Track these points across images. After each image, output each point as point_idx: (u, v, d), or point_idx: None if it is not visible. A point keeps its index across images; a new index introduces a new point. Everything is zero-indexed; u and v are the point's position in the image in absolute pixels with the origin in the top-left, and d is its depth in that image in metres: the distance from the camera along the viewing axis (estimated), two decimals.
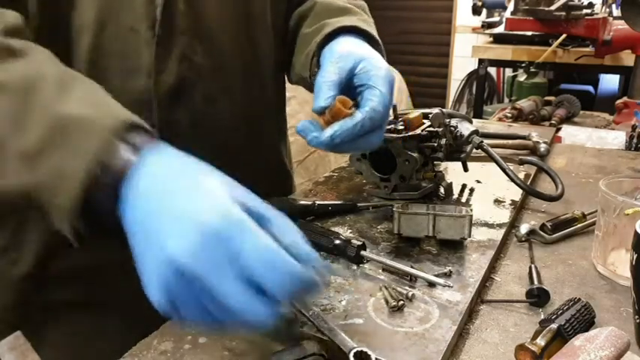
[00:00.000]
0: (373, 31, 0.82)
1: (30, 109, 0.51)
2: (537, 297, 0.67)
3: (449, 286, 0.67)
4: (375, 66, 0.71)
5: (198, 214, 0.45)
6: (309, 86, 0.83)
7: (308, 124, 0.70)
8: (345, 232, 0.84)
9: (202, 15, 0.76)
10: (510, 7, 3.12)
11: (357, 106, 0.71)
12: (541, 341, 0.55)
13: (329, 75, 0.70)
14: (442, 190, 0.97)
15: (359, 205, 0.93)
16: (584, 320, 0.59)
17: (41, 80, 0.53)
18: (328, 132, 0.67)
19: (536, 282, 0.70)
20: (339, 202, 0.93)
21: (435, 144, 0.93)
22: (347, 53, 0.73)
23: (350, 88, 0.72)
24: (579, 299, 0.61)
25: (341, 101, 0.69)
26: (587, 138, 1.74)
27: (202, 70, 0.77)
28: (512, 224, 0.89)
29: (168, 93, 0.74)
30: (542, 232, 0.84)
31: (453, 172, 1.08)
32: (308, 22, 0.88)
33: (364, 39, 0.80)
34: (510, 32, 2.73)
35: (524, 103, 2.12)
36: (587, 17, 2.30)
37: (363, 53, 0.73)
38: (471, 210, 0.76)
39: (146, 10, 0.70)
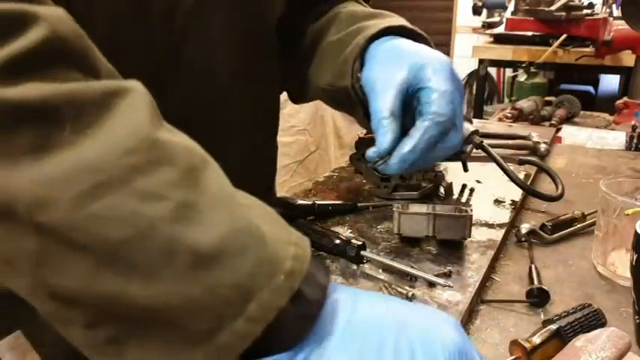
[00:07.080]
0: (420, 31, 0.75)
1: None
2: (537, 297, 0.67)
3: (449, 286, 0.67)
4: (434, 68, 0.65)
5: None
6: (343, 97, 0.74)
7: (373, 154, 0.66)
8: (345, 232, 0.84)
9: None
10: (511, 7, 3.13)
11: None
12: (536, 339, 0.54)
13: (387, 103, 0.64)
14: (442, 190, 0.97)
15: (359, 205, 0.93)
16: (590, 326, 0.57)
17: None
18: (395, 159, 0.64)
19: (536, 282, 0.70)
20: (339, 202, 0.93)
21: None
22: (408, 54, 0.67)
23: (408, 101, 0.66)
24: (590, 304, 0.59)
25: None
26: (588, 138, 1.74)
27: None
28: (512, 224, 0.89)
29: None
30: (542, 232, 0.84)
31: (453, 172, 1.08)
32: (333, 30, 0.79)
33: (412, 39, 0.73)
34: (511, 32, 2.74)
35: (525, 103, 2.12)
36: (587, 17, 2.31)
37: (424, 56, 0.67)
38: (471, 210, 0.76)
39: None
